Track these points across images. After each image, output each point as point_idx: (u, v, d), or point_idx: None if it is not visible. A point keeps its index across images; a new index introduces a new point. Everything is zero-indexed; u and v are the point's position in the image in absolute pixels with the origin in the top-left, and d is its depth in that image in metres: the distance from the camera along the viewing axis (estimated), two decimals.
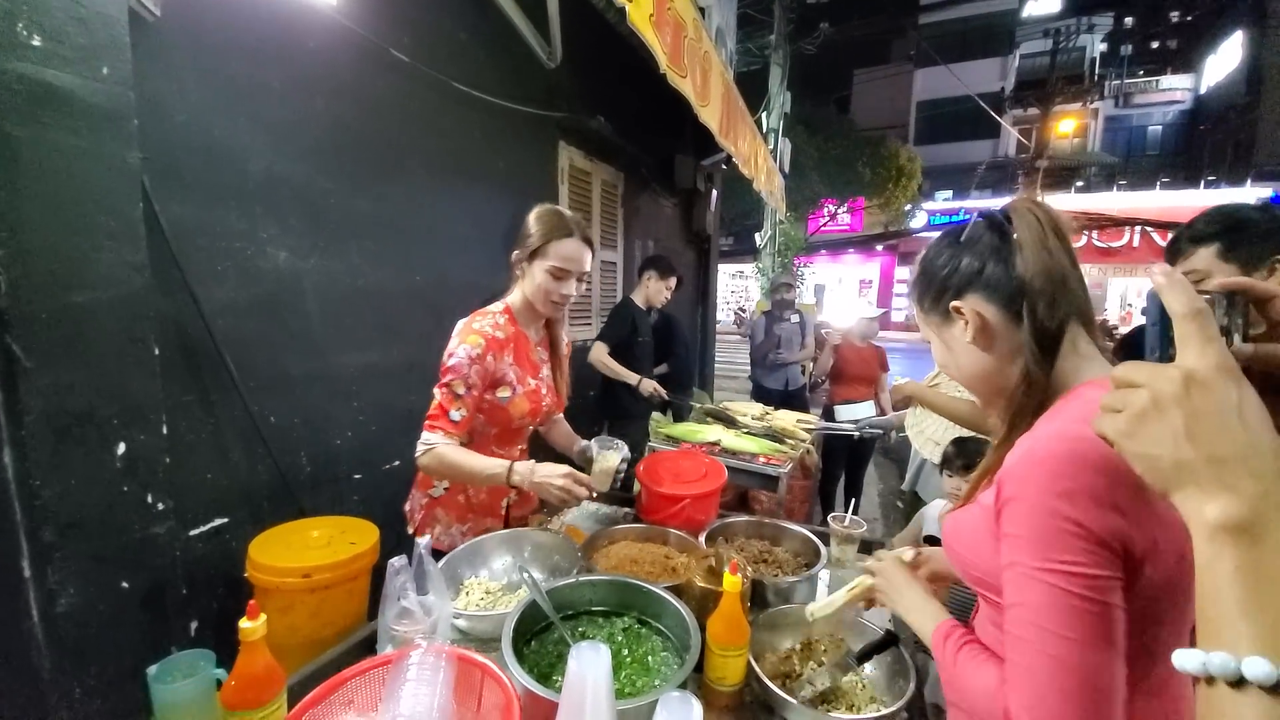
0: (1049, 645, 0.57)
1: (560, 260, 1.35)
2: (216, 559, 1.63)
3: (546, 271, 1.35)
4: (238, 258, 1.64)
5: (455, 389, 1.30)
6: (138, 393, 1.34)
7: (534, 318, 1.47)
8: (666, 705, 0.66)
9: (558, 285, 1.37)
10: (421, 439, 1.29)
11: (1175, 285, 0.42)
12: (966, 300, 0.75)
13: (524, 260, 1.38)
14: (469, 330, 1.34)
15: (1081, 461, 0.58)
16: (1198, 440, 0.40)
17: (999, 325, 0.73)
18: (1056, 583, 0.57)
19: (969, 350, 0.76)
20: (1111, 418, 0.45)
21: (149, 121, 1.40)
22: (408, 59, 2.11)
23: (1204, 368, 0.40)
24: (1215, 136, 18.25)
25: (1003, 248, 0.73)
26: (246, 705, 0.78)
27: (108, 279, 1.27)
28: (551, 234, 1.35)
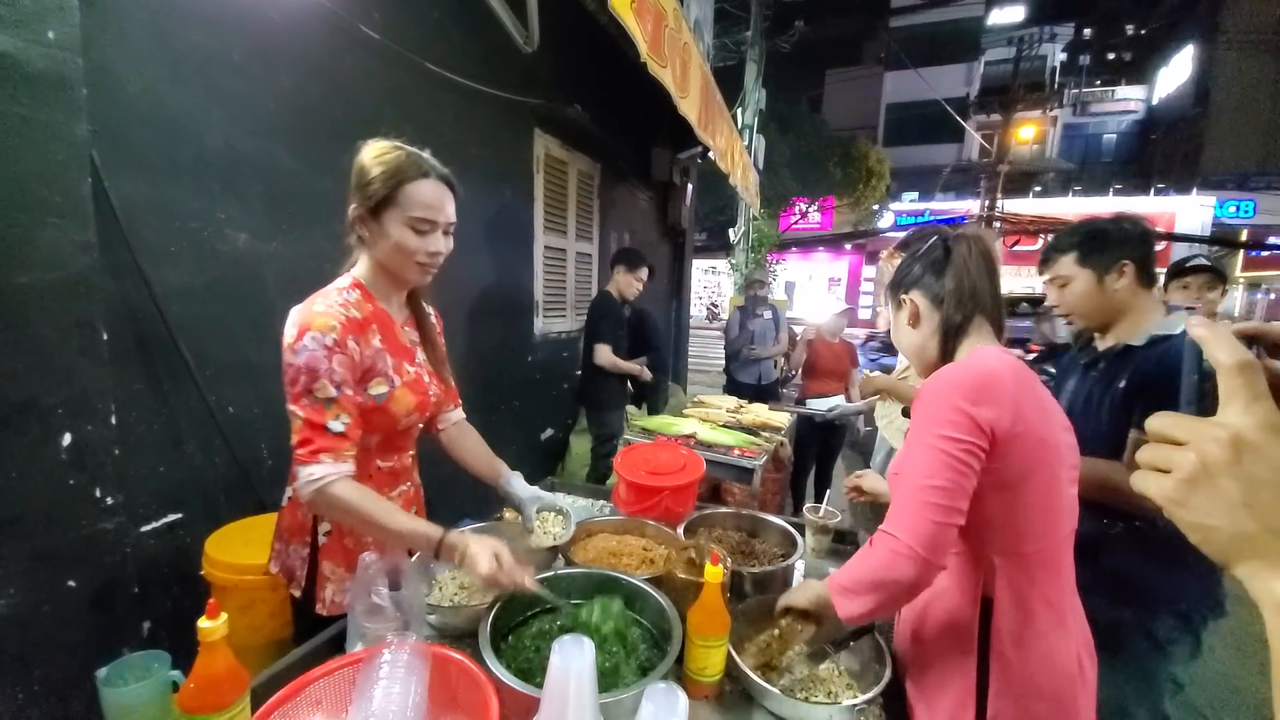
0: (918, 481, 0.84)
1: (421, 209, 1.06)
2: (171, 556, 1.56)
3: (404, 225, 1.06)
4: (193, 239, 1.55)
5: (320, 394, 0.98)
6: (84, 380, 1.27)
7: (395, 289, 1.17)
8: (652, 697, 0.64)
9: (423, 241, 1.08)
10: (304, 471, 0.96)
11: (1219, 337, 0.40)
12: (910, 293, 1.04)
13: (366, 217, 1.07)
14: (311, 314, 1.01)
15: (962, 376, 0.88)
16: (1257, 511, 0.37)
17: (927, 313, 1.02)
18: (934, 443, 0.84)
19: (905, 328, 1.06)
20: (1158, 480, 0.41)
21: (98, 92, 1.32)
22: (378, 36, 2.03)
23: (1252, 428, 0.37)
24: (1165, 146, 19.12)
25: (941, 261, 1.00)
26: (206, 709, 0.73)
27: (52, 259, 1.19)
28: (402, 176, 1.05)
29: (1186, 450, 0.39)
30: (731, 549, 1.37)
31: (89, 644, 1.30)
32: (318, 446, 0.97)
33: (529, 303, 3.53)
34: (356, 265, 1.14)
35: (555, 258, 3.81)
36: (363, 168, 1.06)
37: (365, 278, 1.13)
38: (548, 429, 3.84)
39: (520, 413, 3.47)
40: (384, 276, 1.14)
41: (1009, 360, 0.92)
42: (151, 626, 1.52)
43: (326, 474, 0.97)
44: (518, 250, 3.36)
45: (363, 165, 1.06)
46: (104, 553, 1.34)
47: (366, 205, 1.06)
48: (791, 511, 3.32)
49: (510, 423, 3.39)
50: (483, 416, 3.07)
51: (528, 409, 3.54)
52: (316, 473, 0.96)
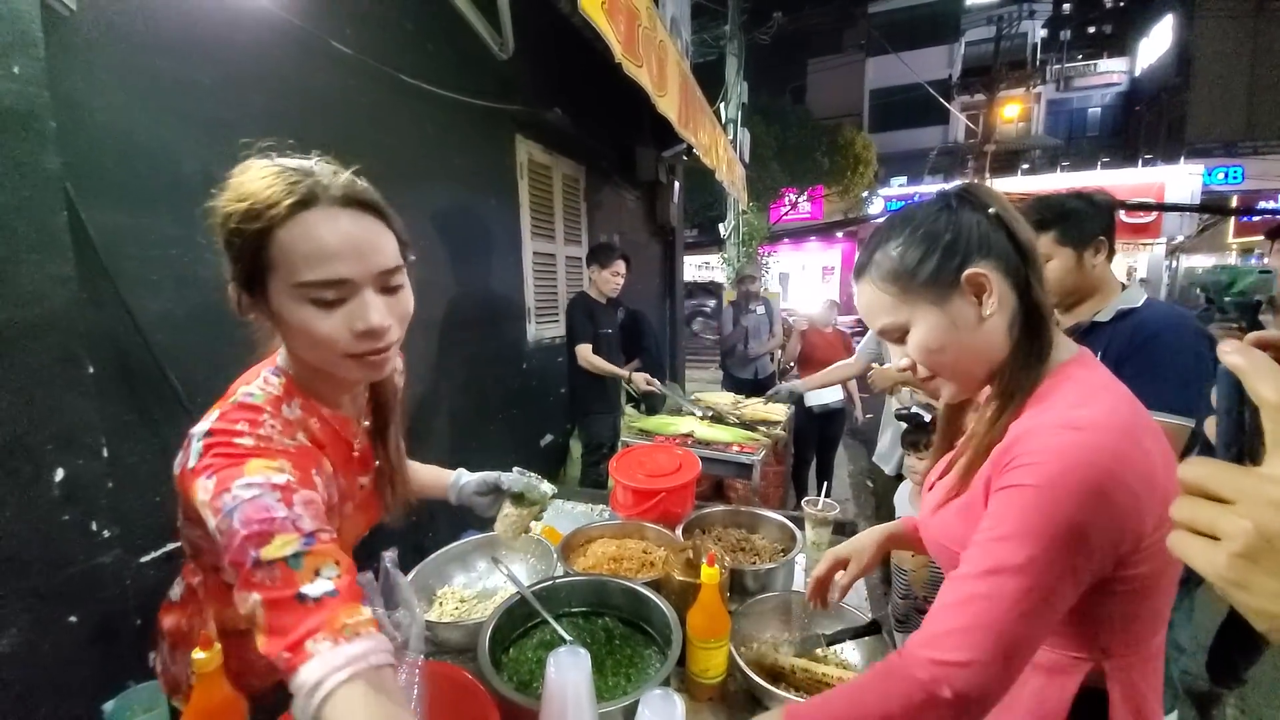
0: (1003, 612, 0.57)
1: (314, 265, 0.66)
2: (171, 586, 1.55)
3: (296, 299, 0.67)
4: (174, 265, 1.54)
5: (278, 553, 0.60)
6: (72, 415, 1.26)
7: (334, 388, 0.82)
8: (649, 704, 0.64)
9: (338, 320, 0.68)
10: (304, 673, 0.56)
11: (1261, 367, 0.33)
12: (982, 264, 0.67)
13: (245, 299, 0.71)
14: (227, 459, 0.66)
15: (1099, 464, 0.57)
16: None
17: (1006, 296, 0.68)
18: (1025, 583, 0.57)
19: (986, 326, 0.68)
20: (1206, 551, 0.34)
21: (68, 124, 1.31)
22: (351, 51, 2.02)
23: None
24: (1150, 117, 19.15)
25: (989, 219, 0.69)
26: None
27: (31, 294, 1.18)
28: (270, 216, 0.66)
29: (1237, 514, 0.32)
30: (731, 547, 1.36)
31: (93, 678, 1.30)
32: (301, 634, 0.57)
33: (520, 310, 3.53)
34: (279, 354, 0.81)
35: (545, 263, 3.80)
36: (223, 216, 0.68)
37: (297, 373, 0.78)
38: (547, 435, 3.84)
39: (518, 420, 3.47)
40: (312, 373, 0.77)
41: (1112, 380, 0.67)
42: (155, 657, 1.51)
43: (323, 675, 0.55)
44: (506, 258, 3.35)
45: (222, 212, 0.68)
46: (104, 586, 1.33)
47: (238, 279, 0.69)
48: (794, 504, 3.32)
49: (508, 431, 3.39)
50: (480, 426, 3.08)
51: (525, 416, 3.54)
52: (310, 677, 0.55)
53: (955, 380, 0.74)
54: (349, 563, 0.65)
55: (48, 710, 1.22)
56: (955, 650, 0.56)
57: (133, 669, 1.41)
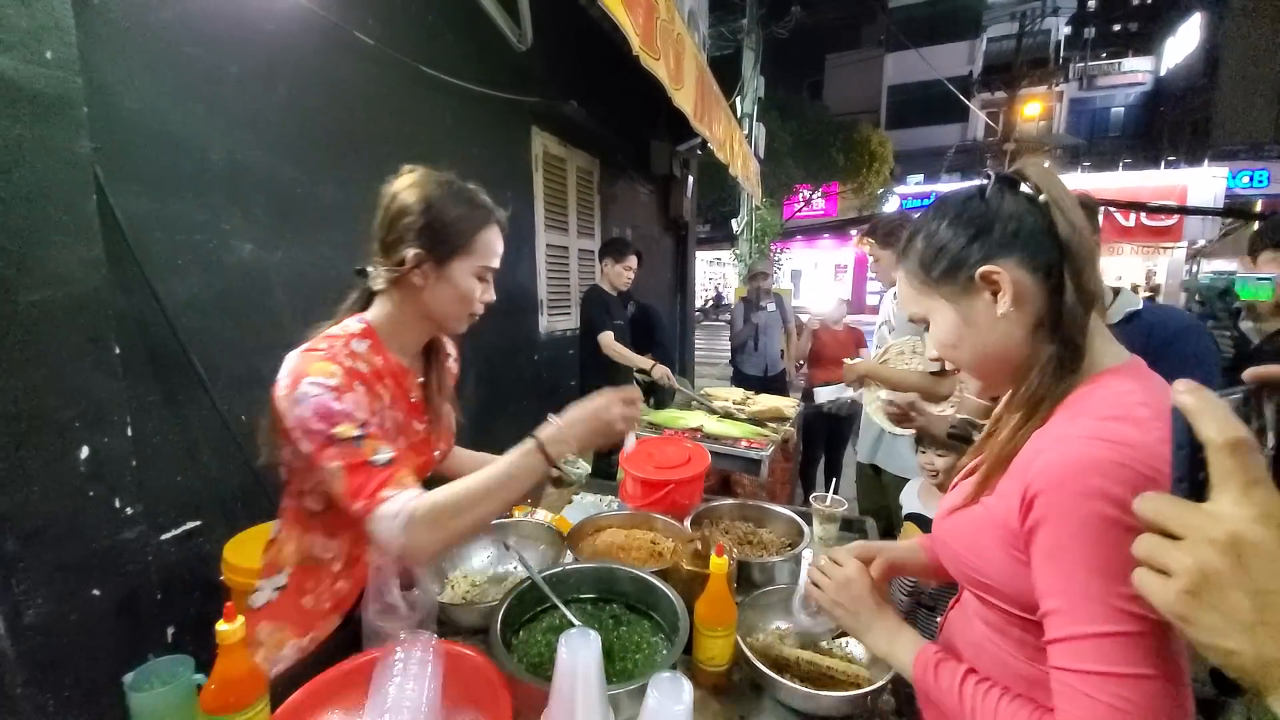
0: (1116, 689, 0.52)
1: (491, 255, 0.98)
2: (191, 562, 1.59)
3: (473, 274, 0.96)
4: (199, 251, 1.58)
5: (344, 434, 0.82)
6: (99, 394, 1.29)
7: (415, 339, 1.03)
8: (658, 686, 0.66)
9: (480, 289, 0.98)
10: (380, 514, 0.80)
11: (1208, 408, 0.34)
12: (1000, 264, 0.65)
13: (430, 262, 0.93)
14: (307, 360, 0.87)
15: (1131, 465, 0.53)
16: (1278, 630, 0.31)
17: (1032, 295, 0.65)
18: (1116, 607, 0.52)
19: (998, 324, 0.66)
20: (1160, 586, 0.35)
21: (98, 109, 1.34)
22: (373, 42, 2.05)
23: (1250, 522, 0.32)
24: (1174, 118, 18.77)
25: (1033, 207, 0.65)
26: (228, 709, 0.76)
27: (62, 277, 1.22)
28: (476, 221, 0.95)
29: (1183, 550, 0.34)
30: (739, 540, 1.38)
31: (115, 650, 1.34)
32: (376, 484, 0.80)
33: (533, 302, 3.55)
34: (374, 308, 0.99)
35: (558, 256, 3.82)
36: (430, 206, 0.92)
37: (382, 325, 0.97)
38: None
39: (528, 411, 3.50)
40: (412, 324, 0.99)
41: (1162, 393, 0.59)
42: (175, 631, 1.55)
43: (404, 503, 0.79)
44: (519, 250, 3.37)
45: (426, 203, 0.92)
46: (126, 561, 1.37)
47: (438, 252, 0.92)
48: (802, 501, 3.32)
49: (518, 422, 3.39)
50: (490, 416, 3.11)
51: (535, 407, 3.57)
52: (391, 508, 0.79)
53: (976, 376, 0.72)
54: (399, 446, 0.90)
55: (71, 680, 1.26)
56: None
57: (153, 642, 1.46)
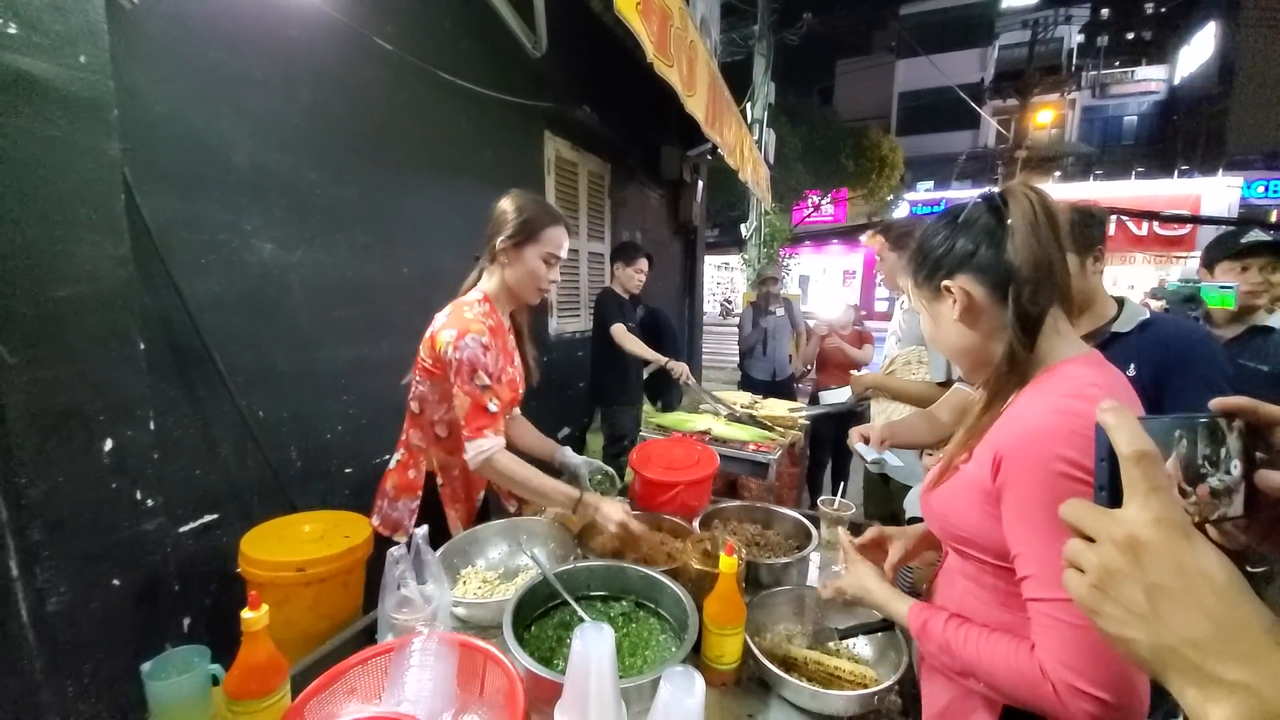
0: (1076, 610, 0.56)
1: (554, 246, 1.39)
2: (208, 555, 1.62)
3: (540, 258, 1.38)
4: (222, 250, 1.62)
5: (479, 382, 1.27)
6: (124, 388, 1.33)
7: (510, 305, 1.48)
8: (670, 679, 0.67)
9: (549, 271, 1.40)
10: (473, 445, 1.26)
11: (1123, 424, 0.38)
12: (957, 280, 0.79)
13: (509, 248, 1.37)
14: (464, 320, 1.30)
15: (1081, 432, 0.63)
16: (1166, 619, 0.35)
17: (985, 304, 0.77)
18: None
19: (955, 326, 0.81)
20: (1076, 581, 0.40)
21: (128, 112, 1.38)
22: (392, 47, 2.08)
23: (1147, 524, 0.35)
24: (1188, 127, 18.60)
25: (996, 231, 0.76)
26: (251, 695, 0.78)
27: (90, 273, 1.25)
28: (544, 221, 1.37)
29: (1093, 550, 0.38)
30: (747, 541, 1.39)
31: (134, 639, 1.36)
32: (481, 424, 1.26)
33: (543, 303, 3.58)
34: (484, 282, 1.43)
35: (568, 259, 3.84)
36: (506, 211, 1.38)
37: (492, 293, 1.42)
38: (564, 428, 3.89)
39: (537, 413, 3.49)
40: (505, 294, 1.43)
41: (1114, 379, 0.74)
42: (191, 622, 1.58)
43: (491, 446, 1.26)
44: None
45: (506, 209, 1.38)
46: (146, 552, 1.40)
47: (512, 239, 1.36)
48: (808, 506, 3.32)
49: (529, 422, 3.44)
50: None
51: (544, 409, 3.59)
52: (484, 445, 1.26)
53: (958, 365, 0.87)
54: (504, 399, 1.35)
55: (91, 667, 1.29)
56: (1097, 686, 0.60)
57: (171, 633, 1.48)
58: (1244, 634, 0.33)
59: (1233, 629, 0.33)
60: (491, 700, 0.84)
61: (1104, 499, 0.39)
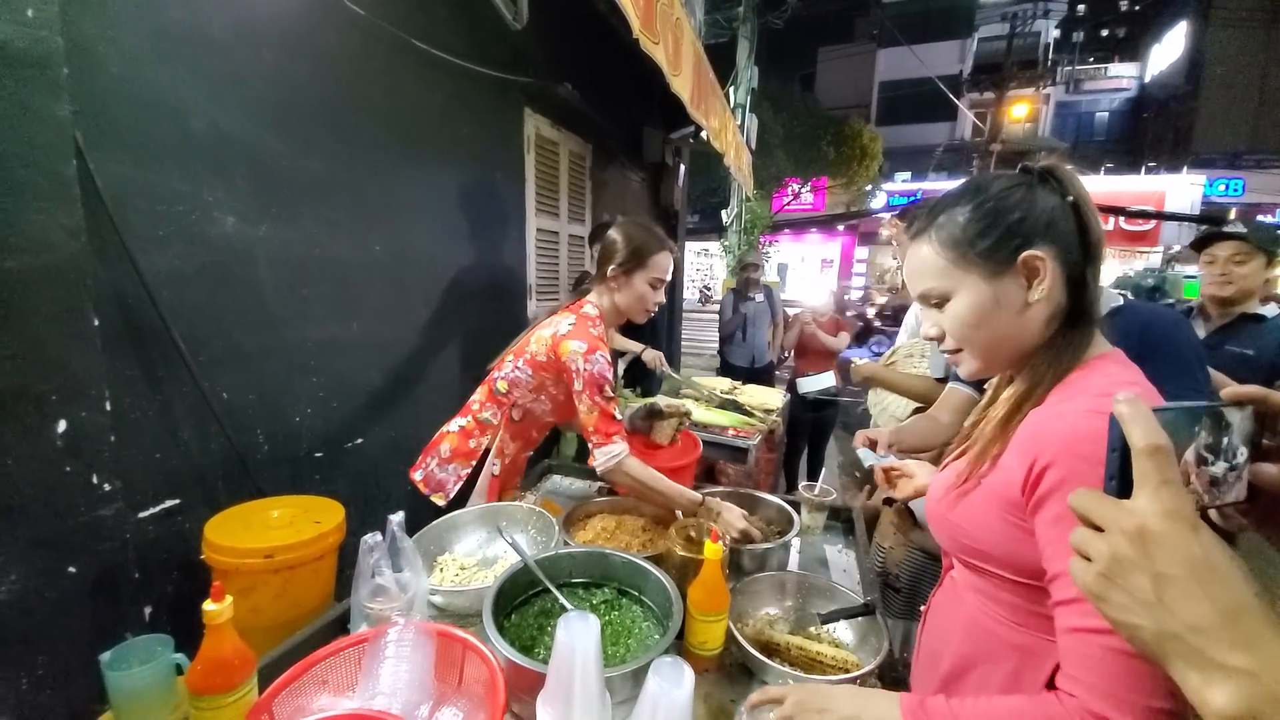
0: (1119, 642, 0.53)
1: (661, 271, 1.47)
2: (170, 541, 1.56)
3: (648, 283, 1.46)
4: (181, 222, 1.53)
5: (607, 392, 1.34)
6: (77, 367, 1.25)
7: (616, 322, 1.57)
8: (659, 670, 0.66)
9: (655, 294, 1.50)
10: (605, 451, 1.32)
11: (1138, 416, 0.38)
12: (1039, 249, 0.68)
13: (621, 273, 1.46)
14: (591, 337, 1.38)
15: None
16: (1172, 607, 0.36)
17: (1059, 286, 0.69)
18: None
19: (1025, 309, 0.69)
20: (1083, 570, 0.41)
21: (79, 71, 1.28)
22: (364, 12, 1.98)
23: (1157, 516, 0.37)
24: (1157, 124, 19.09)
25: (1063, 205, 0.70)
26: (215, 689, 0.74)
27: (40, 243, 1.17)
28: (652, 248, 1.45)
29: (1101, 539, 0.39)
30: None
31: (92, 629, 1.31)
32: (611, 430, 1.33)
33: (521, 286, 3.51)
34: (597, 302, 1.50)
35: (548, 240, 3.78)
36: (617, 239, 1.46)
37: (606, 312, 1.50)
38: None
39: None
40: (614, 313, 1.51)
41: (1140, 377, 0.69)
42: (153, 611, 1.53)
43: (621, 450, 1.32)
44: (509, 233, 3.32)
45: (618, 238, 1.46)
46: (103, 539, 1.34)
47: (623, 266, 1.45)
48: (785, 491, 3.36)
49: None
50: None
51: None
52: (614, 450, 1.32)
53: (980, 358, 0.75)
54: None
55: (46, 659, 1.23)
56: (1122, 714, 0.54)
57: (131, 622, 1.43)
58: (1246, 622, 0.34)
59: (1235, 617, 0.35)
60: (471, 691, 0.82)
61: (1113, 489, 0.40)
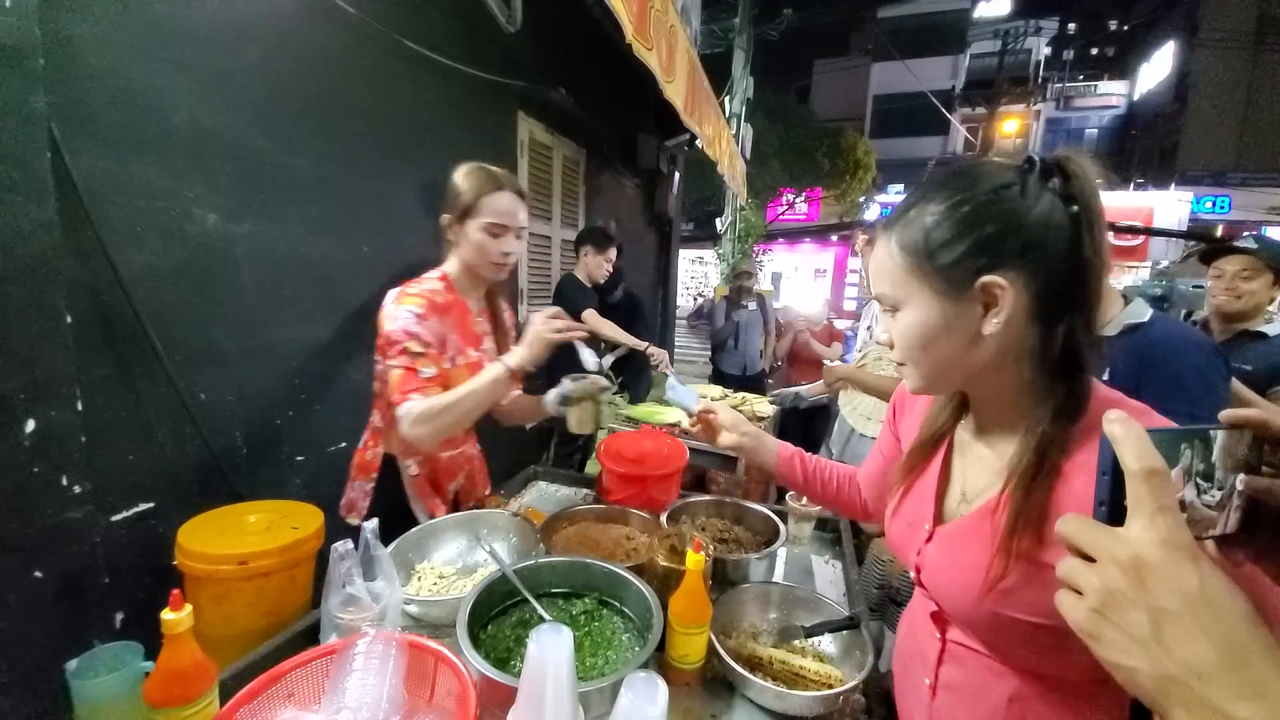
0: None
1: (495, 215, 1.30)
2: (143, 546, 1.51)
3: (482, 230, 1.30)
4: (160, 218, 1.49)
5: (412, 349, 1.22)
6: (47, 365, 1.22)
7: (475, 285, 1.42)
8: (632, 686, 0.63)
9: (497, 243, 1.32)
10: (400, 416, 1.19)
11: (1132, 438, 0.35)
12: (1006, 274, 0.57)
13: (455, 223, 1.33)
14: (403, 295, 1.28)
15: None
16: (1170, 646, 0.33)
17: (1028, 321, 0.58)
18: None
19: (978, 339, 0.59)
20: (1073, 604, 0.37)
21: (56, 62, 1.26)
22: (354, 10, 1.96)
23: (1153, 546, 0.34)
24: (1145, 141, 19.39)
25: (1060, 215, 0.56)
26: (173, 702, 0.71)
27: (11, 237, 1.14)
28: (482, 189, 1.29)
29: (1093, 571, 0.36)
30: (714, 536, 1.36)
31: (58, 636, 1.26)
32: (410, 388, 1.19)
33: (513, 291, 3.49)
34: (448, 262, 1.39)
35: (540, 245, 3.77)
36: (453, 184, 1.32)
37: (452, 273, 1.38)
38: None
39: None
40: (466, 273, 1.37)
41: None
42: (125, 618, 1.48)
43: (409, 408, 1.18)
44: None
45: (453, 182, 1.33)
46: (72, 542, 1.30)
47: (455, 214, 1.31)
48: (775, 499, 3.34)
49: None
50: None
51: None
52: (412, 408, 1.18)
53: (924, 379, 0.67)
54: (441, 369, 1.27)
55: (9, 666, 1.19)
56: None
57: (99, 629, 1.38)
58: (1251, 666, 0.31)
59: (1239, 660, 0.31)
60: (443, 705, 0.79)
61: (1103, 514, 0.37)
